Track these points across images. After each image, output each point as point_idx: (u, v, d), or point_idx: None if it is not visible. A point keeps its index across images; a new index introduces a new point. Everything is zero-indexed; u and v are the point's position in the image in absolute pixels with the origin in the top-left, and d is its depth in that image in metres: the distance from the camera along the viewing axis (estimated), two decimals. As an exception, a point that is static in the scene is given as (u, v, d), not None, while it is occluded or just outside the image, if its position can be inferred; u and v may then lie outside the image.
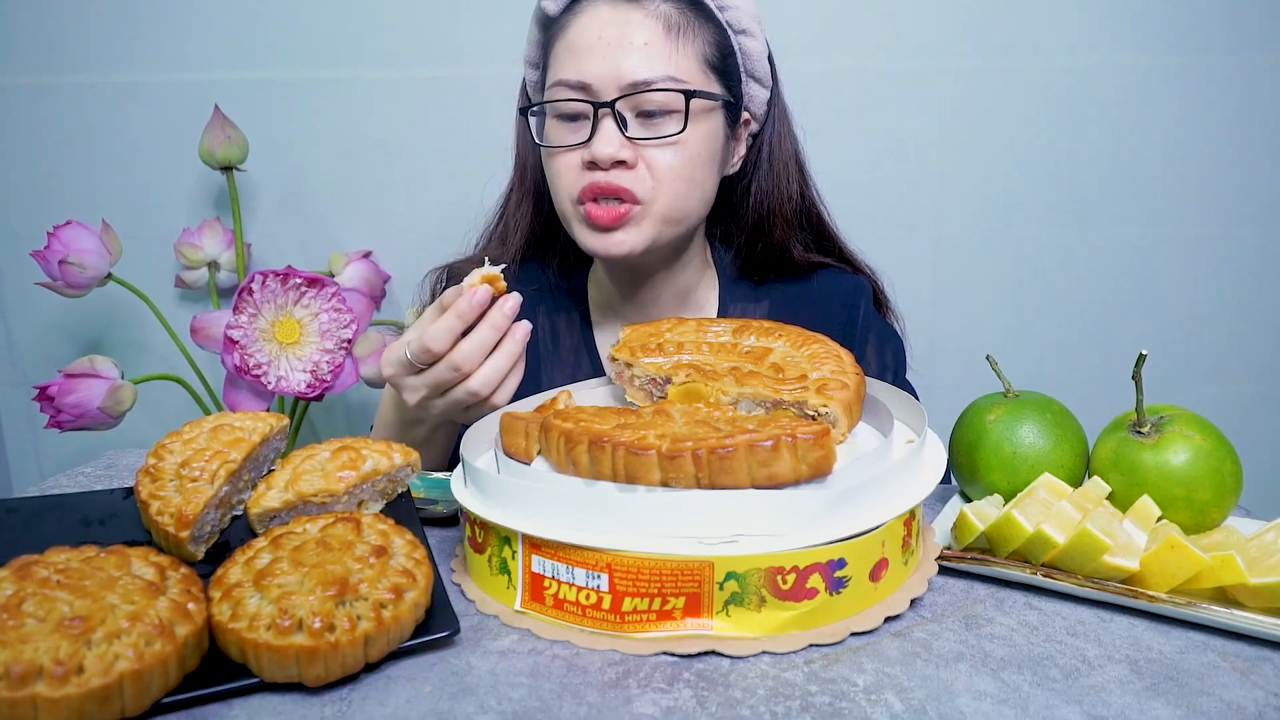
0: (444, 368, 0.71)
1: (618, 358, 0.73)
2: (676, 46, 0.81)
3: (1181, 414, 0.66)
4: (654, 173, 0.82)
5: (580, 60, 0.81)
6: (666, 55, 0.81)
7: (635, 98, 0.80)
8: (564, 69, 0.82)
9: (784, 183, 0.92)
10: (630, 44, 0.80)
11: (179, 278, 1.23)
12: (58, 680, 0.42)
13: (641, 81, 0.80)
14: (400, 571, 0.52)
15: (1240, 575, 0.54)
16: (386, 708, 0.47)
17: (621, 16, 0.81)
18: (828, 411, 0.62)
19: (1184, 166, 1.23)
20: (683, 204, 0.84)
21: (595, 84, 0.80)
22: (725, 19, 0.85)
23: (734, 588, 0.52)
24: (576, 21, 0.82)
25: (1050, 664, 0.51)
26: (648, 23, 0.81)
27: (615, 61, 0.80)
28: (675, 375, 0.68)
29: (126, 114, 1.24)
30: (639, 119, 0.81)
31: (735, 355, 0.71)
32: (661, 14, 0.81)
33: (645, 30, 0.81)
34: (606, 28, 0.81)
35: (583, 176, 0.82)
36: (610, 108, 0.80)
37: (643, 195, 0.82)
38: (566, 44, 0.83)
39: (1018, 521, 0.60)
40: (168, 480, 0.60)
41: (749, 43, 0.86)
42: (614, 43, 0.80)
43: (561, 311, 0.97)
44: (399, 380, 0.75)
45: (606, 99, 0.80)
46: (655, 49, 0.80)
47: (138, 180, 1.26)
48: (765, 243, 0.93)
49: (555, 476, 0.59)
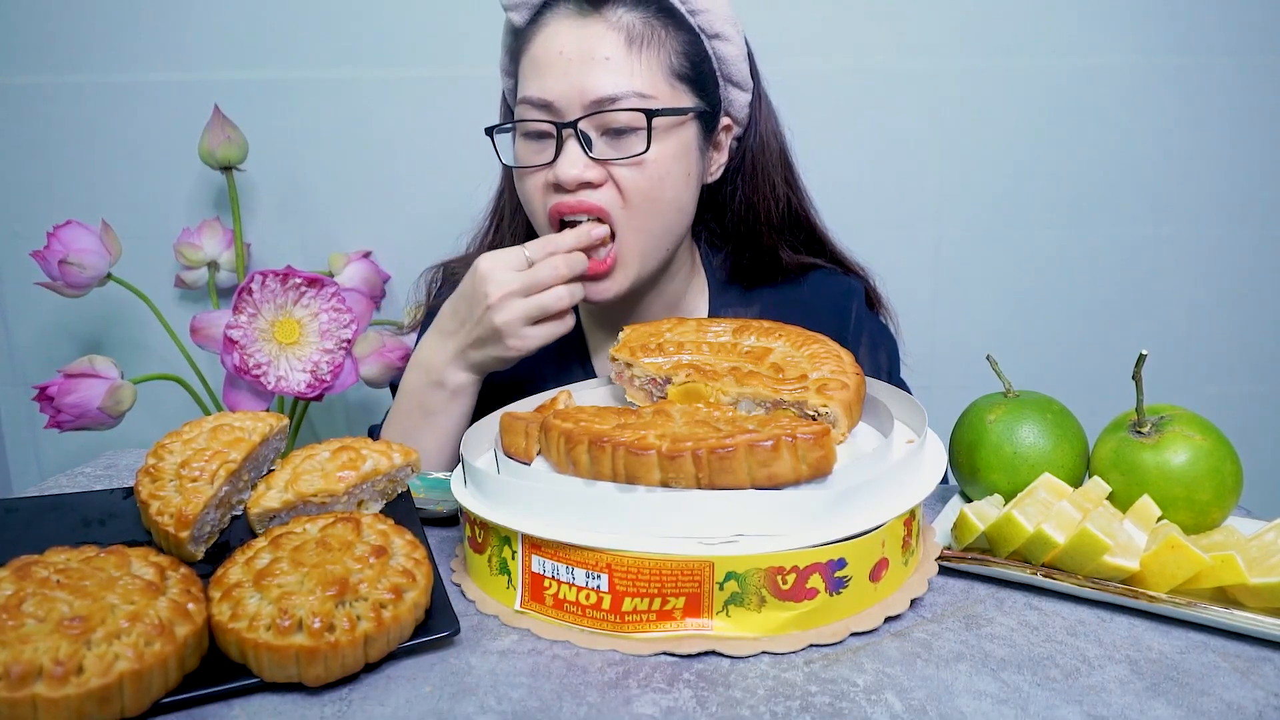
0: (547, 269, 0.77)
1: (618, 358, 0.73)
2: (640, 59, 0.78)
3: (1181, 414, 0.66)
4: (623, 192, 0.80)
5: (543, 77, 0.78)
6: (630, 69, 0.78)
7: (600, 116, 0.78)
8: (527, 86, 0.80)
9: (769, 188, 0.90)
10: (592, 59, 0.77)
11: (179, 278, 1.23)
12: (58, 680, 0.42)
13: (606, 98, 0.77)
14: (400, 571, 0.52)
15: (1240, 575, 0.54)
16: (386, 708, 0.47)
17: (583, 30, 0.78)
18: (828, 411, 0.62)
19: (1184, 166, 1.23)
20: (656, 226, 0.82)
21: (558, 102, 0.78)
22: (698, 24, 0.82)
23: (734, 588, 0.52)
24: (539, 35, 0.80)
25: (1050, 664, 0.51)
26: (609, 35, 0.78)
27: (578, 78, 0.77)
28: (675, 375, 0.68)
29: (126, 114, 1.24)
30: (604, 137, 0.79)
31: (735, 355, 0.71)
32: (624, 25, 0.78)
33: (607, 44, 0.77)
34: (568, 42, 0.78)
35: (551, 197, 0.80)
36: (573, 127, 0.78)
37: (614, 211, 0.80)
38: (530, 59, 0.80)
39: (1018, 521, 0.60)
40: (168, 480, 0.60)
41: (724, 47, 0.83)
42: (575, 58, 0.77)
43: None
44: (492, 275, 0.77)
45: (569, 118, 0.78)
46: (618, 63, 0.77)
47: (138, 180, 1.25)
48: (753, 248, 0.92)
49: (555, 476, 0.59)
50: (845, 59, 1.21)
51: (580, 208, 0.79)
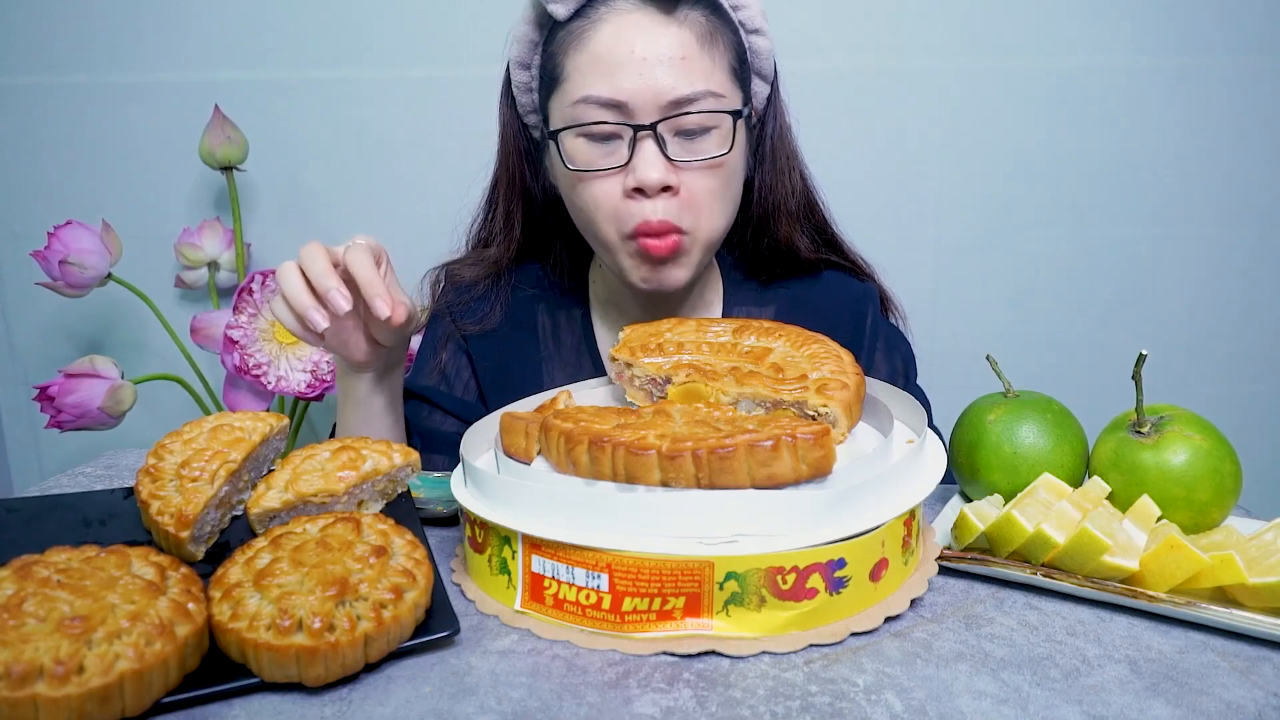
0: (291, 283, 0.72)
1: (618, 358, 0.72)
2: (712, 58, 0.77)
3: (1181, 414, 0.66)
4: (694, 197, 0.78)
5: (613, 76, 0.75)
6: (705, 70, 0.76)
7: (675, 118, 0.75)
8: (591, 84, 0.76)
9: (786, 176, 0.89)
10: (668, 59, 0.75)
11: (179, 278, 1.23)
12: (58, 680, 0.42)
13: (684, 99, 0.75)
14: (400, 571, 0.52)
15: (1240, 575, 0.54)
16: (386, 708, 0.47)
17: (655, 28, 0.75)
18: (827, 411, 0.62)
19: (1184, 166, 1.23)
20: (718, 228, 0.82)
21: (631, 102, 0.75)
22: (739, 19, 0.81)
23: (734, 588, 0.52)
24: (600, 31, 0.77)
25: (1050, 664, 0.51)
26: (683, 35, 0.76)
27: (653, 78, 0.74)
28: (675, 375, 0.68)
29: (126, 114, 1.24)
30: (676, 138, 0.77)
31: (735, 355, 0.71)
32: (694, 23, 0.76)
33: (681, 43, 0.75)
34: (639, 40, 0.75)
35: (628, 207, 0.78)
36: (652, 130, 0.75)
37: (688, 226, 0.79)
38: (591, 56, 0.76)
39: (1018, 521, 0.60)
40: (168, 480, 0.60)
41: (760, 41, 0.83)
42: (650, 57, 0.74)
43: (562, 310, 0.95)
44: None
45: (644, 120, 0.75)
46: (693, 63, 0.75)
47: (138, 180, 1.26)
48: (771, 238, 0.91)
49: (555, 476, 0.59)
50: (845, 59, 1.21)
51: (664, 227, 0.77)
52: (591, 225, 0.82)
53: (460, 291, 0.94)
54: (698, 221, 0.79)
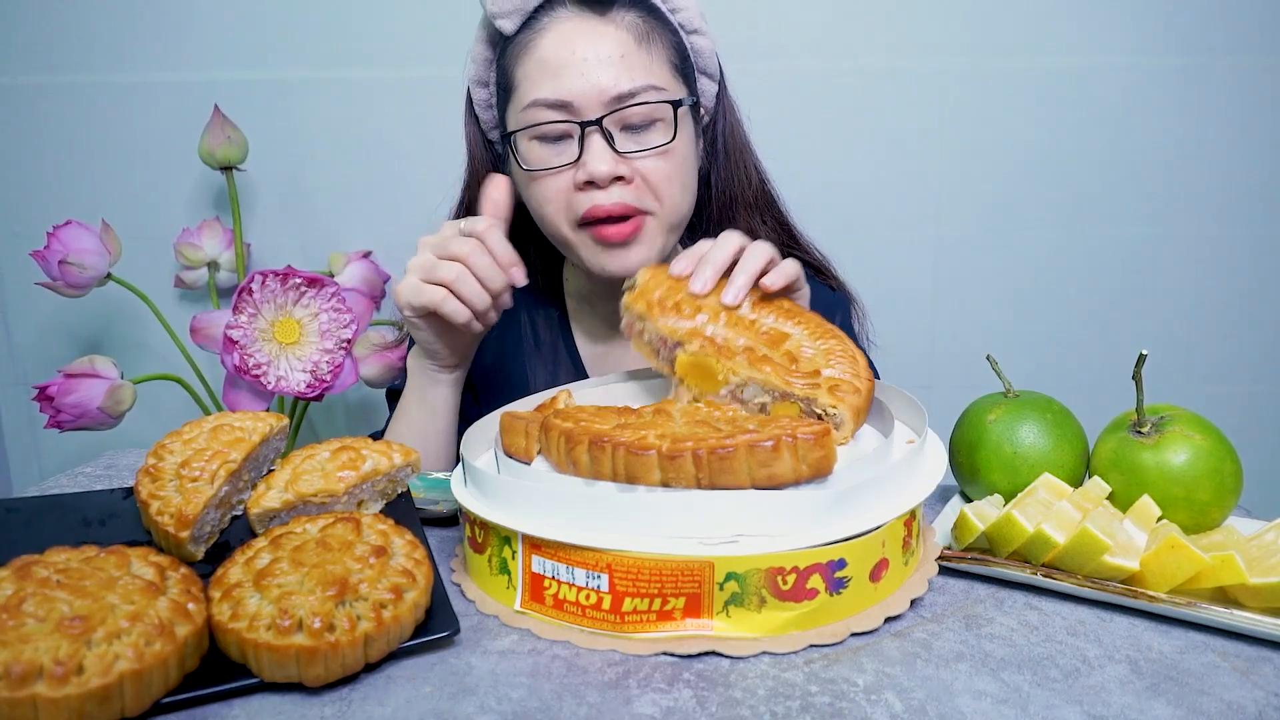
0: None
1: (632, 308, 0.71)
2: (650, 55, 0.82)
3: (1181, 414, 0.66)
4: (649, 183, 0.82)
5: (558, 78, 0.80)
6: (643, 65, 0.81)
7: (619, 112, 0.80)
8: (539, 88, 0.81)
9: (741, 170, 0.94)
10: (607, 58, 0.80)
11: (179, 278, 1.23)
12: (58, 680, 0.42)
13: (625, 94, 0.80)
14: (400, 571, 0.52)
15: (1240, 575, 0.54)
16: (386, 708, 0.47)
17: (592, 31, 0.81)
18: (835, 413, 0.62)
19: (1184, 166, 1.22)
20: (681, 209, 0.86)
21: (576, 101, 0.80)
22: (678, 21, 0.86)
23: (734, 588, 0.52)
24: (544, 39, 0.82)
25: (1050, 664, 0.51)
26: (620, 35, 0.81)
27: (594, 77, 0.80)
28: (689, 343, 0.67)
29: (126, 114, 1.24)
30: (624, 132, 0.81)
31: (753, 333, 0.68)
32: (629, 24, 0.82)
33: (619, 43, 0.81)
34: (579, 43, 0.80)
35: (579, 199, 0.82)
36: (598, 125, 0.80)
37: (649, 206, 0.83)
38: (537, 62, 0.82)
39: (1018, 521, 0.60)
40: (168, 480, 0.60)
41: (700, 40, 0.88)
42: (590, 58, 0.80)
43: (540, 309, 0.98)
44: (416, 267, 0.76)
45: (590, 116, 0.80)
46: (631, 60, 0.81)
47: (138, 180, 1.25)
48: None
49: (555, 476, 0.59)
50: (845, 59, 1.21)
51: (617, 209, 0.81)
52: (547, 221, 0.86)
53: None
54: (659, 200, 0.83)
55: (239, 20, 1.21)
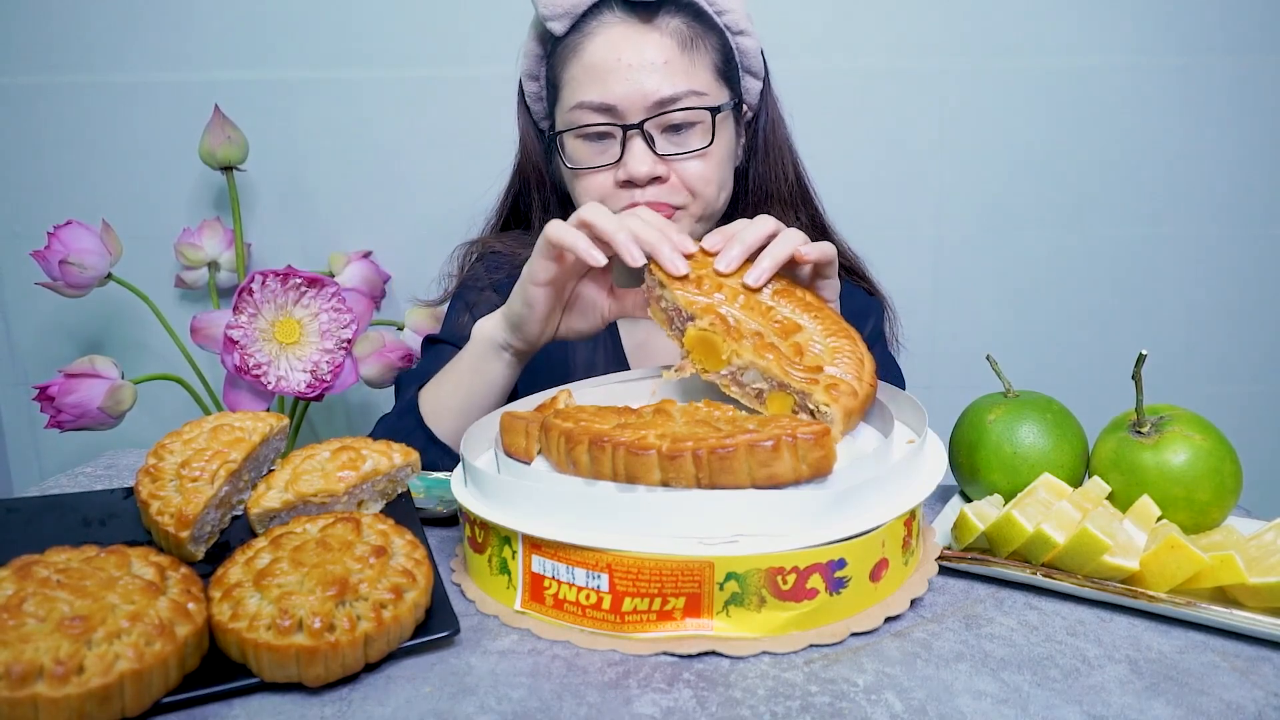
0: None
1: (655, 274, 0.69)
2: (693, 61, 0.85)
3: (1181, 414, 0.66)
4: (687, 183, 0.86)
5: (603, 82, 0.84)
6: (685, 71, 0.84)
7: (663, 116, 0.84)
8: (585, 91, 0.85)
9: (779, 166, 0.97)
10: (651, 64, 0.83)
11: (179, 278, 1.23)
12: (58, 680, 0.42)
13: (667, 99, 0.83)
14: (400, 571, 0.52)
15: (1240, 575, 0.54)
16: (386, 708, 0.47)
17: (639, 37, 0.84)
18: (827, 411, 0.62)
19: (1184, 166, 1.23)
20: (714, 205, 0.89)
21: (620, 105, 0.84)
22: (724, 23, 0.89)
23: (734, 588, 0.52)
24: (591, 43, 0.85)
25: (1050, 664, 0.51)
26: (664, 41, 0.84)
27: (638, 82, 0.83)
28: (701, 318, 0.67)
29: (126, 114, 1.24)
30: (665, 134, 0.85)
31: (767, 320, 0.68)
32: (674, 30, 0.85)
33: (663, 49, 0.84)
34: (625, 49, 0.84)
35: (618, 195, 0.86)
36: (639, 128, 0.83)
37: (681, 202, 0.87)
38: (584, 66, 0.85)
39: (1018, 521, 0.60)
40: (168, 480, 0.60)
41: (745, 41, 0.90)
42: (635, 64, 0.83)
43: None
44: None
45: (633, 120, 0.84)
46: (675, 66, 0.84)
47: (138, 180, 1.26)
48: None
49: (555, 476, 0.59)
50: (845, 59, 1.21)
51: (656, 207, 0.84)
52: None
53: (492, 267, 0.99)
54: (691, 196, 0.87)
55: (239, 20, 1.21)
